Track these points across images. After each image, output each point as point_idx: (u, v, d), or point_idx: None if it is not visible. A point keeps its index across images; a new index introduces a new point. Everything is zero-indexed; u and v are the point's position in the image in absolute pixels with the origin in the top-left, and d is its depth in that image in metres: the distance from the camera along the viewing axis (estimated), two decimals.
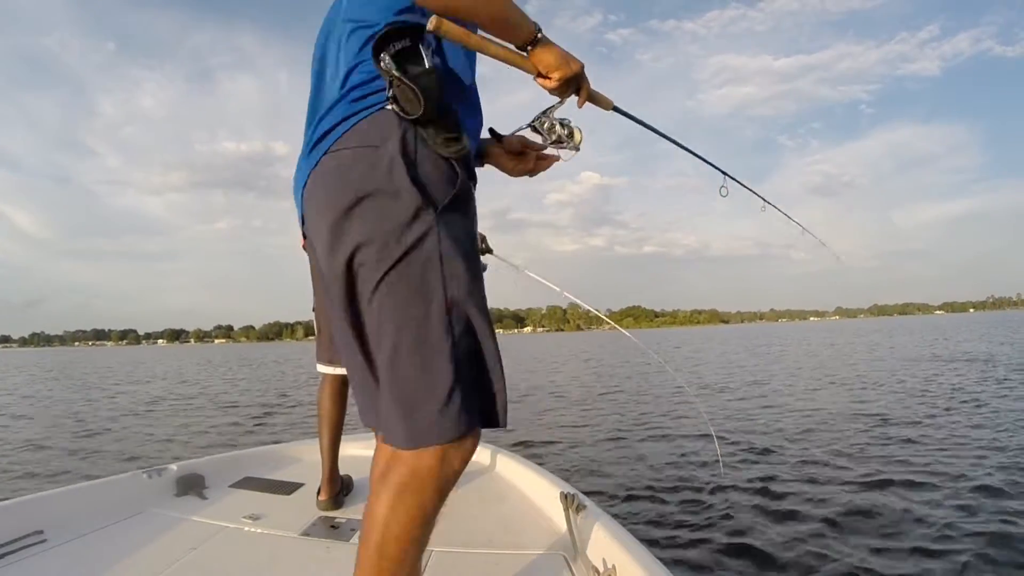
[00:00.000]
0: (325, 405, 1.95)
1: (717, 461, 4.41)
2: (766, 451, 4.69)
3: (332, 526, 1.70)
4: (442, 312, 0.89)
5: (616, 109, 1.14)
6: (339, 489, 1.95)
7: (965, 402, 6.66)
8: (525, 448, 5.11)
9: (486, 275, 2.19)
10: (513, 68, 0.99)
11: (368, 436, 2.78)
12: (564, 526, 1.52)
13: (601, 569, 1.27)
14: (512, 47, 0.97)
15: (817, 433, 5.38)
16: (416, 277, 0.88)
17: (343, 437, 2.01)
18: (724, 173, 1.39)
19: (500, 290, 2.20)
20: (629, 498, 3.57)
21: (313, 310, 1.95)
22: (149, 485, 1.92)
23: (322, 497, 1.91)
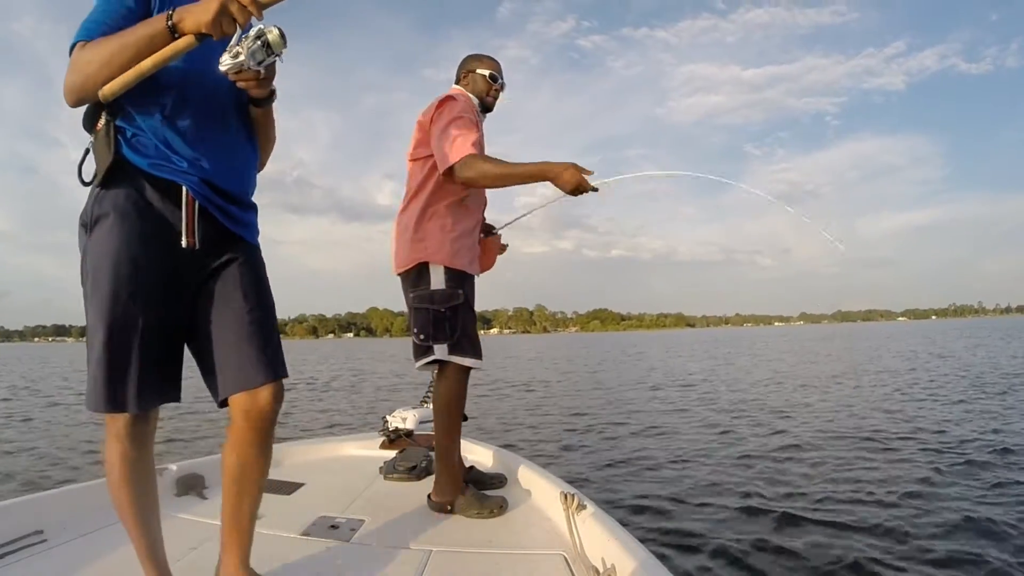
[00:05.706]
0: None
1: (718, 462, 4.46)
2: (766, 453, 4.70)
3: (332, 526, 1.71)
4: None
5: None
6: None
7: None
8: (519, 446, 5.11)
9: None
10: None
11: (371, 437, 2.76)
12: (564, 526, 1.55)
13: (601, 569, 1.30)
14: (167, 45, 0.97)
15: (819, 438, 5.30)
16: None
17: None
18: None
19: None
20: (629, 498, 3.57)
21: None
22: None
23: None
